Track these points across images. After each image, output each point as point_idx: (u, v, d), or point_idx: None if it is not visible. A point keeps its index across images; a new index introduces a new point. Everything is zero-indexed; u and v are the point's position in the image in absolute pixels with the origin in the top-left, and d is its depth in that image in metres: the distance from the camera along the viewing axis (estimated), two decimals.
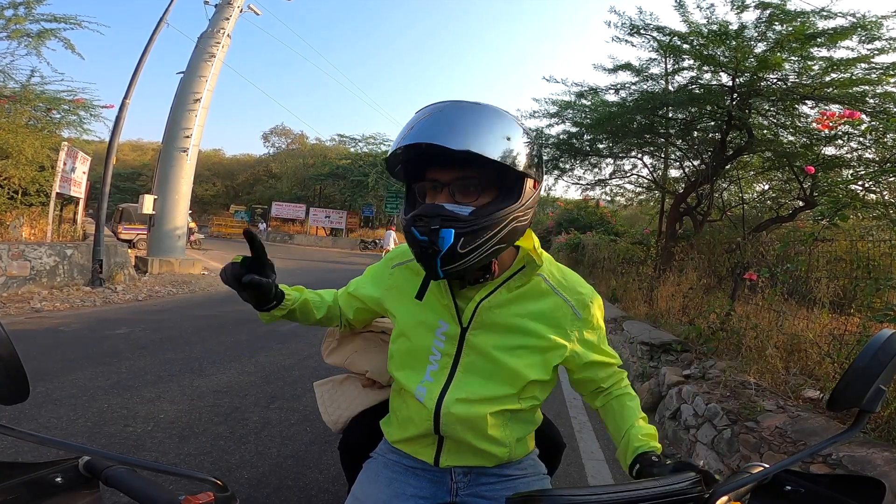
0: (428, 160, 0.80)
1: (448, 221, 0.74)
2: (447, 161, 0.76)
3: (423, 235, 0.74)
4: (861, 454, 1.79)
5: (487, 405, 0.86)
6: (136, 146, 39.51)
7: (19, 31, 7.92)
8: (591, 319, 0.92)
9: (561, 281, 0.92)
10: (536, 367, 0.87)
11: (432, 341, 0.90)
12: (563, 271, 0.94)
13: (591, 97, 7.80)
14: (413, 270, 0.95)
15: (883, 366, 0.55)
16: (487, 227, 0.75)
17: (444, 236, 0.73)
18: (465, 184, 0.78)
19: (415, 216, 0.77)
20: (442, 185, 0.79)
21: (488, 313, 0.87)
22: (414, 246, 0.77)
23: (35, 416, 2.72)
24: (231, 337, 5.06)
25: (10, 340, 0.51)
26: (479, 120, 0.75)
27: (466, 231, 0.74)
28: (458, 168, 0.77)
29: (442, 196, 0.79)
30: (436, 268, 0.75)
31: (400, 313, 0.96)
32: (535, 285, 0.89)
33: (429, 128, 0.74)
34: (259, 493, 2.15)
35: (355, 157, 29.93)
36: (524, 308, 0.88)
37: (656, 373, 3.80)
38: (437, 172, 0.80)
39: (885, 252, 3.30)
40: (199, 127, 10.88)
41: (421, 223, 0.75)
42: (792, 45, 5.27)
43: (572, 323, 0.90)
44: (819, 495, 0.54)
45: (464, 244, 0.74)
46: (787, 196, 7.34)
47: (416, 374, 0.91)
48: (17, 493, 0.49)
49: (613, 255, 9.04)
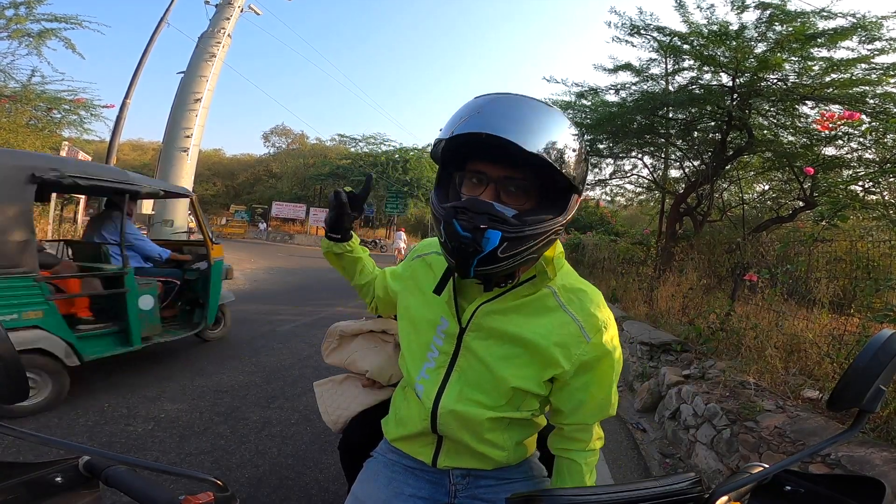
0: (477, 150, 0.74)
1: (496, 222, 0.70)
2: (500, 156, 0.71)
3: (466, 231, 0.69)
4: (860, 454, 1.79)
5: (483, 410, 0.84)
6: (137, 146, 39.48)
7: (20, 30, 7.94)
8: (601, 347, 0.82)
9: (572, 299, 0.84)
10: (530, 380, 0.82)
11: (432, 337, 0.88)
12: (576, 288, 0.85)
13: (591, 97, 7.81)
14: (428, 263, 0.95)
15: (883, 366, 0.55)
16: (532, 236, 0.72)
17: (490, 237, 0.69)
18: (515, 184, 0.74)
19: (458, 208, 0.71)
20: (489, 179, 0.74)
21: (486, 318, 0.83)
22: (452, 239, 0.71)
23: (36, 415, 2.72)
24: (231, 336, 5.06)
25: (10, 340, 0.51)
26: (551, 124, 0.70)
27: (512, 236, 0.70)
28: (509, 166, 0.73)
29: (488, 192, 0.74)
30: (470, 267, 0.71)
31: (409, 304, 0.95)
32: (542, 298, 0.83)
33: (497, 119, 0.68)
34: (259, 493, 2.15)
35: (356, 157, 29.94)
36: (526, 319, 0.82)
37: (656, 373, 3.81)
38: (486, 165, 0.74)
39: (885, 252, 3.30)
40: (199, 127, 10.90)
41: (465, 217, 0.70)
42: (792, 45, 5.27)
43: (577, 344, 0.81)
44: (819, 495, 0.54)
45: (505, 249, 0.70)
46: (788, 196, 7.35)
47: (415, 367, 0.90)
48: (17, 492, 0.49)
49: (613, 256, 9.03)
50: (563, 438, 0.90)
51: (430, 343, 0.88)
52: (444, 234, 0.72)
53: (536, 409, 0.87)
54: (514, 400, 0.84)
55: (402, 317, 0.97)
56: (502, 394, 0.83)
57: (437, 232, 0.76)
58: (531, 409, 0.86)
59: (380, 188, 27.63)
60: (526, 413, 0.86)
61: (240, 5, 11.65)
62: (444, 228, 0.72)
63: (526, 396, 0.84)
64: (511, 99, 0.72)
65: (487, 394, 0.84)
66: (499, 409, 0.84)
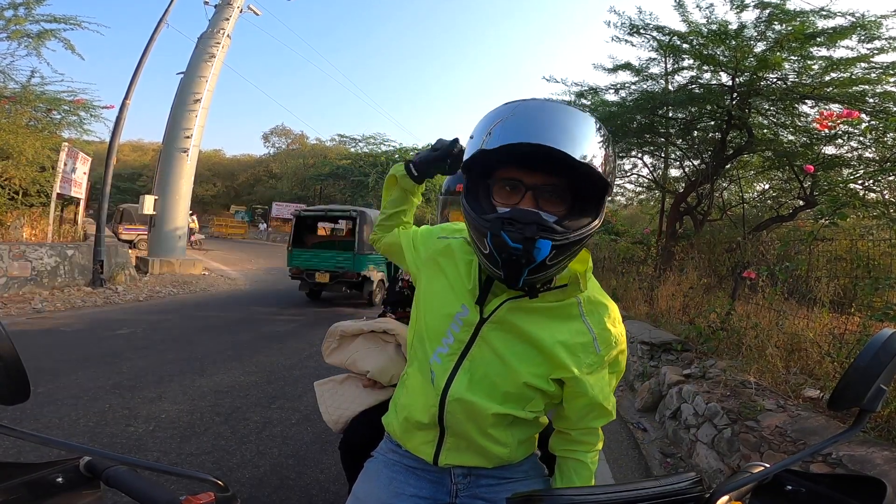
0: (513, 158, 0.74)
1: (544, 231, 0.70)
2: (537, 162, 0.72)
3: (516, 242, 0.69)
4: (861, 453, 1.79)
5: (490, 403, 0.85)
6: (137, 146, 39.47)
7: (19, 31, 7.92)
8: (609, 360, 0.86)
9: (592, 311, 0.86)
10: (541, 378, 0.84)
11: (449, 324, 0.88)
12: (599, 302, 0.87)
13: (590, 97, 7.81)
14: (455, 249, 0.94)
15: (883, 365, 0.55)
16: (577, 242, 0.73)
17: (541, 247, 0.69)
18: (553, 191, 0.75)
19: (505, 219, 0.71)
20: (525, 187, 0.75)
21: (511, 314, 0.84)
22: (502, 251, 0.70)
23: (37, 416, 2.73)
24: (232, 337, 5.07)
25: (10, 340, 0.51)
26: (589, 130, 0.72)
27: (561, 244, 0.71)
28: (547, 172, 0.73)
29: (527, 200, 0.75)
30: (521, 278, 0.72)
31: (432, 289, 0.94)
32: (568, 307, 0.84)
33: (541, 128, 0.69)
34: (260, 493, 2.15)
35: (355, 157, 29.89)
36: (548, 324, 0.84)
37: (657, 372, 3.81)
38: (522, 173, 0.75)
39: (885, 251, 3.30)
40: (199, 127, 10.90)
41: (513, 228, 0.70)
42: (791, 44, 5.28)
43: (587, 354, 0.83)
44: (820, 495, 0.54)
45: (553, 257, 0.71)
46: (788, 195, 7.34)
47: (431, 347, 0.90)
48: (18, 493, 0.49)
49: (614, 255, 9.04)
50: (570, 441, 0.92)
51: (446, 329, 0.88)
52: (492, 246, 0.72)
53: (541, 410, 0.88)
54: (522, 398, 0.85)
55: (422, 299, 0.96)
56: (512, 389, 0.85)
57: (479, 244, 0.76)
58: (536, 411, 0.87)
59: (380, 188, 27.51)
60: (530, 414, 0.87)
61: (239, 6, 11.65)
62: (490, 241, 0.72)
63: (533, 395, 0.85)
64: (549, 106, 0.73)
65: (496, 388, 0.85)
66: (505, 406, 0.85)
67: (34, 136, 7.86)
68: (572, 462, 0.91)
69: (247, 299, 8.23)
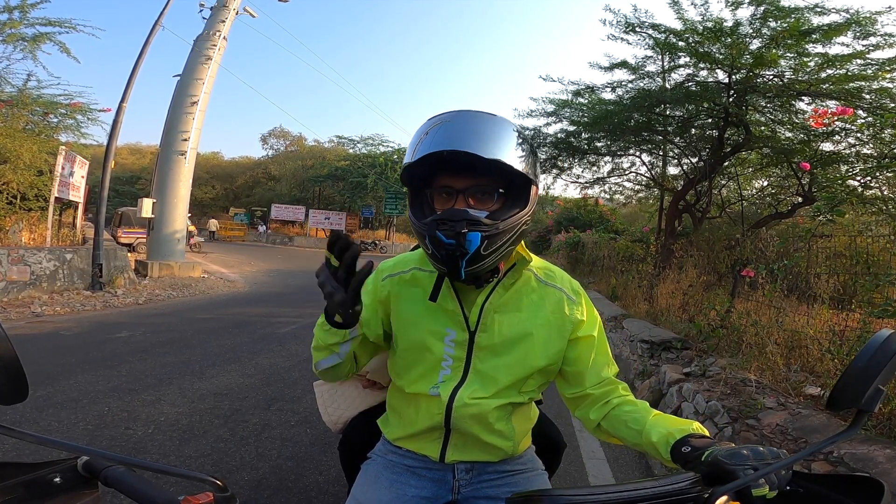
0: (439, 167, 0.83)
1: (473, 225, 0.78)
2: (461, 168, 0.81)
3: (449, 238, 0.78)
4: (862, 451, 1.79)
5: (490, 399, 0.89)
6: (135, 150, 39.43)
7: (15, 35, 7.90)
8: (585, 305, 0.96)
9: (549, 273, 0.97)
10: (540, 356, 0.91)
11: (443, 350, 0.91)
12: (548, 266, 0.99)
13: (587, 95, 7.79)
14: (408, 282, 0.95)
15: (882, 366, 0.55)
16: (506, 231, 0.81)
17: (472, 239, 0.77)
18: (480, 190, 0.83)
19: (438, 220, 0.80)
20: (456, 191, 0.83)
21: (493, 315, 0.91)
22: (440, 248, 0.79)
23: (36, 419, 2.72)
24: (231, 339, 5.06)
25: (9, 341, 0.51)
26: (500, 131, 0.81)
27: (490, 234, 0.79)
28: (471, 175, 0.82)
29: (458, 202, 0.83)
30: (460, 269, 0.79)
31: (402, 323, 0.94)
32: (527, 280, 0.94)
33: (454, 136, 0.79)
34: (259, 495, 2.15)
35: (354, 158, 29.90)
36: (522, 301, 0.93)
37: (657, 370, 3.81)
38: (451, 179, 0.83)
39: (885, 247, 3.30)
40: (196, 130, 10.87)
41: (446, 227, 0.79)
42: (787, 41, 5.27)
43: (570, 306, 0.93)
44: (818, 495, 0.54)
45: (486, 246, 0.79)
46: (786, 192, 7.34)
47: (428, 381, 0.91)
48: (16, 493, 0.49)
49: (613, 253, 9.04)
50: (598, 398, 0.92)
51: (442, 355, 0.92)
52: (431, 246, 0.80)
53: (535, 389, 0.95)
54: (524, 378, 0.91)
55: (403, 337, 0.94)
56: (515, 374, 0.90)
57: (423, 246, 0.84)
58: (530, 392, 0.94)
59: (379, 189, 27.59)
60: (524, 397, 0.93)
61: (235, 8, 11.61)
62: (429, 241, 0.80)
63: (534, 374, 0.92)
64: (461, 115, 0.82)
65: (500, 379, 0.90)
66: (506, 395, 0.90)
67: (31, 139, 7.83)
68: (628, 406, 0.88)
69: (246, 301, 8.22)
